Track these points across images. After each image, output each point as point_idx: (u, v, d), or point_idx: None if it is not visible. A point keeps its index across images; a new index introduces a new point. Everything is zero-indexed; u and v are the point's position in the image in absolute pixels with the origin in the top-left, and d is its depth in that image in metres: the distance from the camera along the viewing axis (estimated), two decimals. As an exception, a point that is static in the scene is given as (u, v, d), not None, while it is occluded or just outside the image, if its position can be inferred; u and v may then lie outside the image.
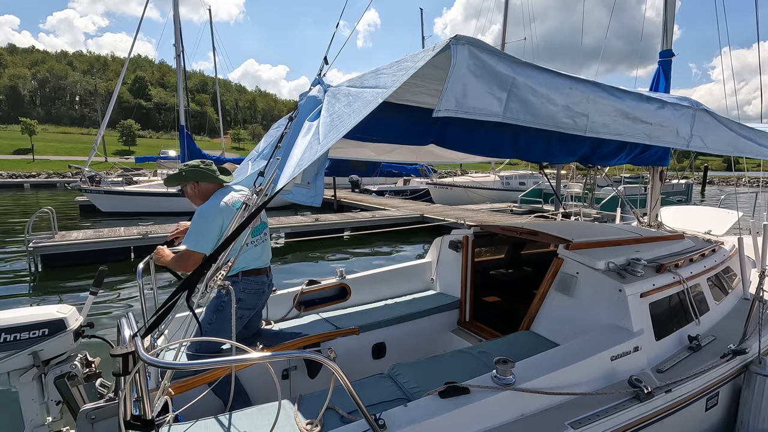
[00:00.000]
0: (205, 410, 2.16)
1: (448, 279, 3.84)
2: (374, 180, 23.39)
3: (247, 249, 2.57)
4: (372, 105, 1.54)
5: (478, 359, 2.43)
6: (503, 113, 1.61)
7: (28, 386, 1.79)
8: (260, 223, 2.73)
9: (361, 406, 1.46)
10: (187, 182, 2.62)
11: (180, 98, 16.95)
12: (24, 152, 53.97)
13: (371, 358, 3.22)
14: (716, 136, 2.57)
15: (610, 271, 2.65)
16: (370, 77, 1.72)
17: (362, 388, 2.12)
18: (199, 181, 2.60)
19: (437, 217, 12.87)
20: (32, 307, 1.85)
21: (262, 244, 2.73)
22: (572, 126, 1.85)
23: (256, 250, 2.66)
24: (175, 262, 2.40)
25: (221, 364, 1.61)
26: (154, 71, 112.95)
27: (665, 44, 4.34)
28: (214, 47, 28.66)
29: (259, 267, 2.67)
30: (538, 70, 1.70)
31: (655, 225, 4.57)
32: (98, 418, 1.50)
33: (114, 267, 8.28)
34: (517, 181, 22.16)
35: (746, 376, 2.65)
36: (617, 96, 1.98)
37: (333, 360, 1.43)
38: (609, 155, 3.60)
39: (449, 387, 1.82)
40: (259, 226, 2.72)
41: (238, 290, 2.54)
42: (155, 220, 11.97)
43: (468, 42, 1.49)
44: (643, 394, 2.06)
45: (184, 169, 2.61)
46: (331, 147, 1.63)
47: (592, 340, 2.30)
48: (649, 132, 2.16)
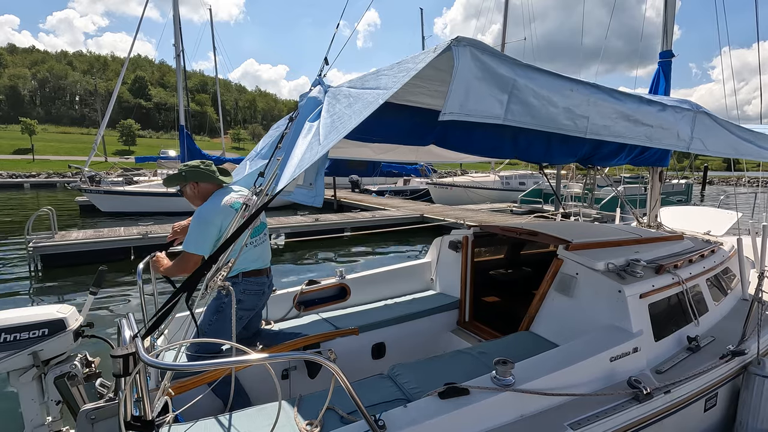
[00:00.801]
0: (205, 410, 2.16)
1: (448, 279, 3.84)
2: (374, 180, 23.39)
3: (247, 250, 2.56)
4: (373, 106, 1.54)
5: (478, 360, 2.44)
6: (504, 115, 1.61)
7: (28, 386, 1.80)
8: (260, 223, 2.73)
9: (361, 407, 1.46)
10: (187, 182, 2.62)
11: (180, 98, 16.96)
12: (24, 152, 53.96)
13: (371, 359, 3.22)
14: (717, 139, 2.57)
15: (609, 271, 2.65)
16: (370, 78, 1.72)
17: (362, 389, 2.13)
18: (199, 181, 2.60)
19: (437, 217, 12.88)
20: (32, 307, 1.85)
21: (262, 245, 2.73)
22: (573, 128, 1.85)
23: (256, 250, 2.66)
24: (174, 267, 2.40)
25: (221, 365, 1.61)
26: (154, 71, 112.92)
27: (665, 45, 4.34)
28: (215, 47, 28.69)
29: (259, 268, 2.67)
30: (539, 72, 1.70)
31: (654, 225, 4.58)
32: (98, 418, 1.51)
33: (114, 267, 8.28)
34: (517, 181, 22.16)
35: (745, 377, 2.66)
36: (618, 98, 1.99)
37: (333, 361, 1.43)
38: (609, 156, 3.60)
39: (449, 388, 1.82)
40: (259, 226, 2.71)
41: (238, 291, 2.53)
42: (155, 220, 11.98)
43: (469, 43, 1.49)
44: (642, 395, 2.06)
45: (184, 169, 2.60)
46: (331, 148, 1.64)
47: (592, 341, 2.30)
48: (650, 134, 2.16)
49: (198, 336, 2.27)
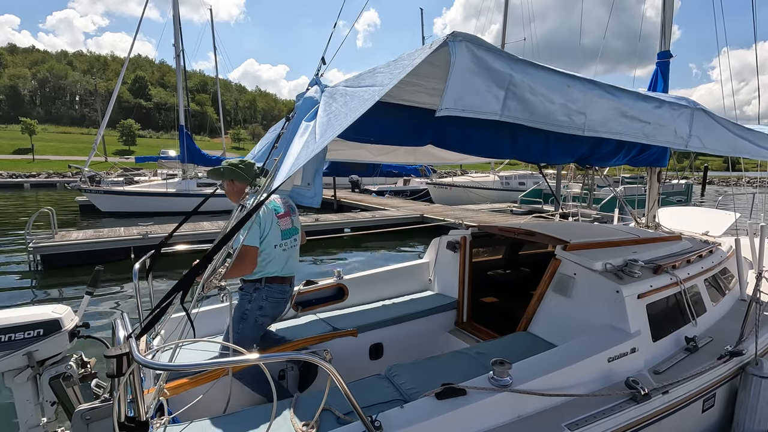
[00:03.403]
0: (201, 411, 2.15)
1: (446, 279, 3.84)
2: (374, 180, 23.40)
3: (275, 254, 2.58)
4: (369, 103, 1.53)
5: (476, 360, 2.43)
6: (501, 111, 1.60)
7: (23, 387, 1.79)
8: (291, 227, 2.73)
9: (357, 408, 1.46)
10: (224, 179, 2.69)
11: (180, 98, 16.98)
12: (24, 152, 53.95)
13: (368, 359, 3.21)
14: (715, 137, 2.56)
15: (607, 272, 2.64)
16: (366, 76, 1.72)
17: (359, 389, 2.12)
18: (234, 179, 2.66)
19: (437, 217, 12.87)
20: (27, 307, 1.85)
21: (290, 250, 2.72)
22: (570, 124, 1.83)
23: (284, 255, 2.65)
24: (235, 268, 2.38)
25: (217, 366, 1.61)
26: (154, 71, 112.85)
27: (663, 45, 4.34)
28: (215, 47, 28.65)
29: (284, 276, 2.67)
30: (535, 68, 1.69)
31: (652, 226, 4.57)
32: (93, 418, 1.50)
33: (114, 267, 8.29)
34: (516, 181, 22.15)
35: (742, 378, 2.65)
36: (615, 94, 1.97)
37: (329, 361, 1.43)
38: (607, 156, 3.59)
39: (446, 388, 1.82)
40: (291, 230, 2.72)
41: (260, 297, 2.58)
42: (155, 220, 11.95)
43: (465, 38, 1.48)
44: (640, 396, 2.06)
45: (224, 165, 2.69)
46: (328, 146, 1.63)
47: (589, 341, 2.30)
48: (648, 131, 2.14)
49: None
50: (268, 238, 2.53)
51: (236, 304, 2.61)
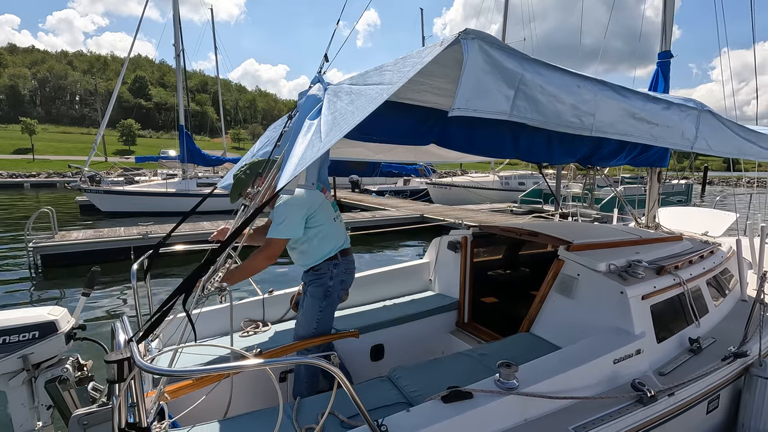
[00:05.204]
0: (201, 415, 2.13)
1: (447, 280, 3.81)
2: (374, 180, 23.37)
3: (334, 226, 2.59)
4: (377, 102, 1.48)
5: (479, 362, 2.40)
6: (510, 111, 1.56)
7: (18, 390, 1.75)
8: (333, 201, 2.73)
9: (364, 412, 1.43)
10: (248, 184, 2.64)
11: (180, 98, 16.95)
12: (24, 152, 53.88)
13: (369, 360, 3.18)
14: (721, 139, 2.53)
15: (611, 273, 2.62)
16: (373, 74, 1.68)
17: (362, 392, 2.09)
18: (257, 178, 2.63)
19: (437, 217, 12.85)
20: (22, 309, 1.80)
21: (341, 222, 2.73)
22: (579, 125, 1.80)
23: (341, 227, 2.68)
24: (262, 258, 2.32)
25: (219, 371, 1.57)
26: (154, 71, 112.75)
27: (664, 45, 4.32)
28: (216, 47, 28.63)
29: (347, 247, 2.70)
30: (547, 67, 1.65)
31: (652, 226, 4.55)
32: (90, 423, 1.47)
33: (114, 267, 8.25)
34: (516, 181, 22.13)
35: (747, 379, 2.63)
36: (624, 95, 1.94)
37: (336, 365, 1.39)
38: (608, 156, 3.57)
39: (452, 391, 1.79)
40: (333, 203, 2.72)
41: (340, 272, 2.59)
42: (155, 220, 11.92)
43: (478, 36, 1.44)
44: (646, 398, 2.03)
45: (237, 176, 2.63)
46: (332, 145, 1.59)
47: (595, 343, 2.27)
48: (655, 133, 2.12)
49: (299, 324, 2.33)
50: (322, 214, 2.51)
51: (310, 289, 2.59)
